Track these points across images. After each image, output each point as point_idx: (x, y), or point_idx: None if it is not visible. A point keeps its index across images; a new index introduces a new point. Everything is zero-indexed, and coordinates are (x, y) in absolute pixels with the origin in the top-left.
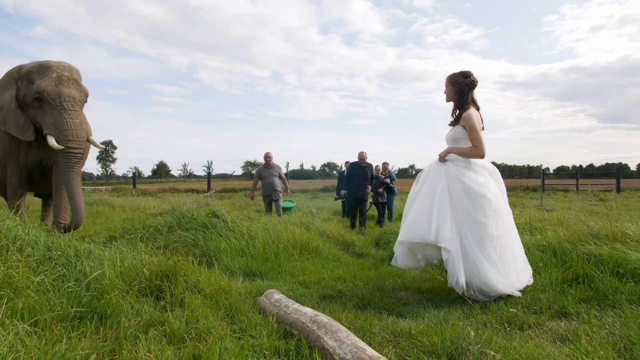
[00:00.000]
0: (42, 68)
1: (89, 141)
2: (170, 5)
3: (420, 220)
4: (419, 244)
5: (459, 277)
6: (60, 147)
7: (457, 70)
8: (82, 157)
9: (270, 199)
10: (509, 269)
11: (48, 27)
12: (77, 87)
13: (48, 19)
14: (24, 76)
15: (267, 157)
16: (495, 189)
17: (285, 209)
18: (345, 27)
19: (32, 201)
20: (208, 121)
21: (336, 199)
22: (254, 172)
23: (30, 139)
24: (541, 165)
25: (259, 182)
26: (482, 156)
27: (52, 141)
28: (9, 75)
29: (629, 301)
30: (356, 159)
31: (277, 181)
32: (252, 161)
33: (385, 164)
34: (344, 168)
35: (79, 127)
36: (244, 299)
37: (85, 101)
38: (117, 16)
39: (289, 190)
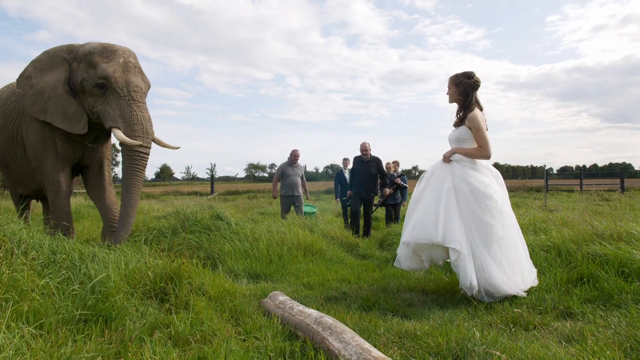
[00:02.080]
0: (107, 51)
1: (154, 140)
2: (172, 8)
3: (426, 220)
4: (425, 245)
5: (471, 278)
6: (133, 142)
7: (459, 71)
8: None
9: (291, 200)
10: (515, 270)
11: (51, 31)
12: (142, 77)
13: (51, 22)
14: (82, 57)
15: (296, 154)
16: (499, 190)
17: (307, 214)
18: (347, 29)
19: (36, 205)
20: (211, 124)
21: (342, 200)
22: (257, 174)
23: (82, 132)
24: (544, 166)
25: (276, 181)
26: (488, 157)
27: (120, 135)
28: (52, 55)
29: (635, 301)
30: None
31: (299, 182)
32: (255, 163)
33: (388, 164)
34: (342, 167)
35: (148, 122)
36: (249, 301)
37: (146, 94)
38: (120, 20)
39: (308, 194)
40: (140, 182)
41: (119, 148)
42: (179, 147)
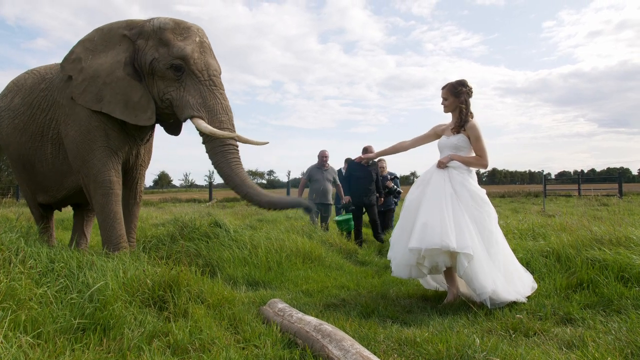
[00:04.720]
0: (180, 27)
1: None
2: (169, 15)
3: (434, 226)
4: (437, 251)
5: (485, 282)
6: (225, 133)
7: (455, 78)
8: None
9: (319, 208)
10: (514, 276)
11: (49, 39)
12: (216, 60)
13: (49, 30)
14: (151, 34)
15: (324, 155)
16: None
17: (341, 222)
18: (345, 35)
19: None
20: None
21: (339, 208)
22: (255, 181)
23: (148, 124)
24: (542, 171)
25: (302, 186)
26: (485, 166)
27: (205, 125)
28: (107, 32)
29: (635, 306)
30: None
31: (330, 188)
32: (254, 170)
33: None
34: (341, 169)
35: (232, 113)
36: (248, 309)
37: None
38: None
39: (343, 200)
40: (246, 175)
41: None
42: (267, 142)
